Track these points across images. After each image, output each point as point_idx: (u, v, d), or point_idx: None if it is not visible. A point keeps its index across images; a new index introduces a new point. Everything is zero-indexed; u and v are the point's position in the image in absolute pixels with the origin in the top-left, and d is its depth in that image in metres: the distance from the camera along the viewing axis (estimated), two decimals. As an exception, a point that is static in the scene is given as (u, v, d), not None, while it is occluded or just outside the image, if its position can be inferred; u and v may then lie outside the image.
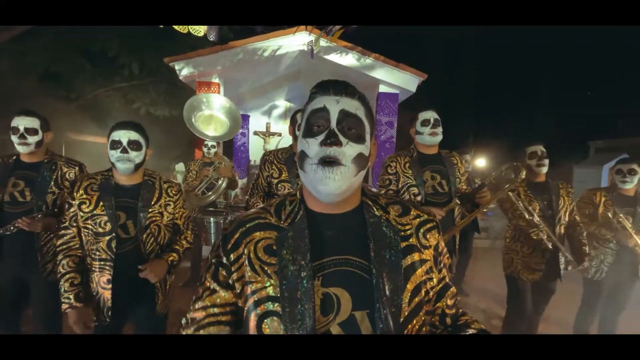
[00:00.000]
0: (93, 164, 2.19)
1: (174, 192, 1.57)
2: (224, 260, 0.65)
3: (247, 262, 0.63)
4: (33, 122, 1.72)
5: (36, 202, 1.71)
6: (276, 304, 0.59)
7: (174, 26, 2.78)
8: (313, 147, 0.62)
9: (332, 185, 0.60)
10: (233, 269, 0.63)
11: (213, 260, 0.66)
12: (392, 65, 4.30)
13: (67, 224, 1.43)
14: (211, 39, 2.98)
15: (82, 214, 1.40)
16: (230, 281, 0.64)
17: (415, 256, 0.65)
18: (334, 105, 0.63)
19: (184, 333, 0.66)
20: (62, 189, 1.77)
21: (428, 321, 0.69)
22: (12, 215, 1.67)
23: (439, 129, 1.95)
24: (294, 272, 0.60)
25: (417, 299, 0.63)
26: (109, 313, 1.39)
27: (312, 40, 3.92)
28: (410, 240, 0.66)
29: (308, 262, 0.60)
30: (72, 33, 5.75)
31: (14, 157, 1.77)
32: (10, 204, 1.69)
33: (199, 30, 2.78)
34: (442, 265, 0.70)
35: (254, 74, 4.69)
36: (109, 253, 1.38)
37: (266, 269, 0.61)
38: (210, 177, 2.96)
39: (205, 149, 3.32)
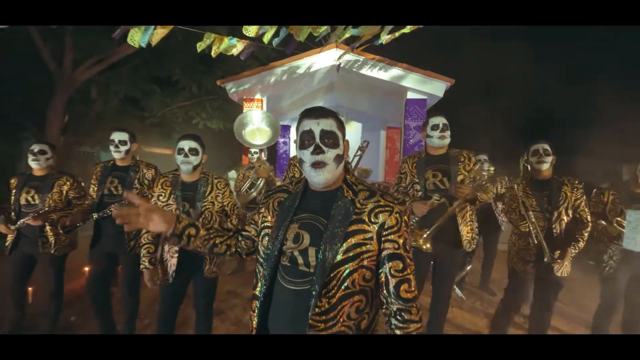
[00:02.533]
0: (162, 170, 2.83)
1: (222, 185, 2.04)
2: (260, 204, 1.13)
3: (266, 207, 1.10)
4: (123, 136, 2.36)
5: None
6: (269, 229, 1.05)
7: (212, 54, 3.38)
8: (306, 155, 0.99)
9: (321, 178, 0.98)
10: (261, 210, 1.11)
11: (259, 204, 1.16)
12: (420, 73, 4.50)
13: None
14: (242, 58, 3.55)
15: (160, 203, 1.94)
16: (259, 217, 1.12)
17: (360, 226, 0.94)
18: (316, 127, 0.97)
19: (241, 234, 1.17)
20: (143, 184, 2.38)
21: (367, 275, 0.95)
22: (109, 204, 2.31)
23: (447, 133, 2.17)
24: (283, 216, 1.03)
25: (350, 253, 0.92)
26: (173, 275, 1.91)
27: (340, 56, 4.33)
28: (362, 216, 0.94)
29: (291, 213, 1.02)
30: (145, 65, 6.87)
31: (111, 162, 2.43)
32: (108, 196, 2.34)
33: (232, 52, 3.37)
34: (388, 241, 0.94)
35: (292, 89, 5.21)
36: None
37: (274, 212, 1.06)
38: (251, 177, 3.50)
39: (249, 155, 3.87)
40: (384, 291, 0.96)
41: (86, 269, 3.69)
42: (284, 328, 0.96)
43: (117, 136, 2.35)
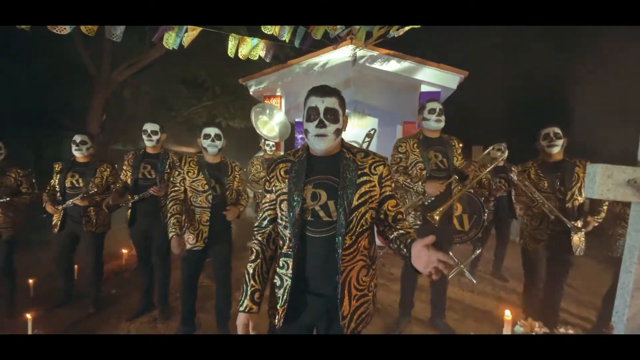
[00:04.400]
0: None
1: (238, 169, 2.41)
2: (268, 178, 1.26)
3: (276, 177, 1.23)
4: (155, 127, 2.67)
5: (159, 179, 2.64)
6: (286, 195, 1.18)
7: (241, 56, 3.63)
8: (311, 128, 1.18)
9: (322, 146, 1.17)
10: (271, 182, 1.24)
11: (265, 180, 1.28)
12: (433, 66, 4.61)
13: (177, 183, 2.28)
14: (267, 60, 3.80)
15: (189, 179, 2.25)
16: (271, 188, 1.25)
17: (365, 178, 1.17)
18: (321, 104, 1.16)
19: (258, 216, 1.30)
20: (172, 169, 2.65)
21: (373, 214, 1.19)
22: (144, 187, 2.62)
23: (442, 117, 2.35)
24: (295, 181, 1.18)
25: (362, 199, 1.15)
26: (206, 240, 2.24)
27: (355, 52, 4.52)
28: (365, 170, 1.18)
29: (303, 177, 1.18)
30: (173, 66, 7.32)
31: (142, 150, 2.74)
32: (142, 180, 2.65)
33: (255, 55, 3.62)
34: (385, 186, 1.19)
35: (309, 86, 5.40)
36: (207, 204, 2.24)
37: (284, 180, 1.21)
38: None
39: (267, 148, 4.12)
40: (385, 222, 1.21)
41: (124, 250, 4.08)
42: (319, 269, 1.17)
43: (149, 127, 2.65)
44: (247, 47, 3.56)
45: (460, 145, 2.39)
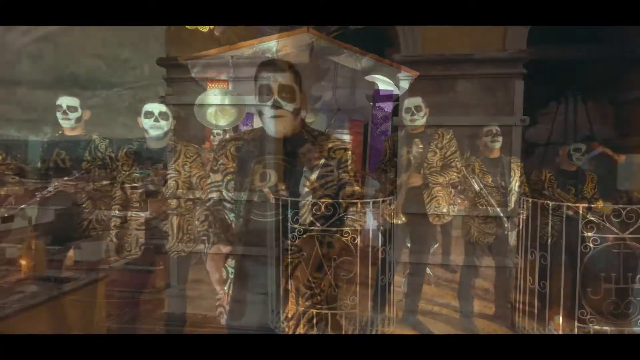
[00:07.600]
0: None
1: (191, 154, 1.92)
2: (216, 156, 1.14)
3: (225, 155, 1.13)
4: (73, 101, 2.10)
5: (74, 168, 2.08)
6: (233, 174, 1.09)
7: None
8: (266, 109, 1.07)
9: (279, 129, 1.07)
10: (219, 160, 1.12)
11: (213, 158, 1.15)
12: (387, 64, 4.67)
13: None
14: (216, 34, 3.38)
15: (123, 173, 1.78)
16: (218, 167, 1.12)
17: (323, 161, 1.09)
18: (274, 81, 1.06)
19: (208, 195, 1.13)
20: (96, 157, 2.12)
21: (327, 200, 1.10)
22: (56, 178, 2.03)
23: (419, 115, 2.33)
24: (246, 160, 1.08)
25: (316, 184, 1.07)
26: (142, 247, 1.79)
27: (312, 42, 4.32)
28: (323, 152, 1.10)
29: (254, 156, 1.08)
30: (87, 38, 6.15)
31: (60, 132, 2.15)
32: (54, 170, 2.08)
33: (204, 27, 3.18)
34: (343, 170, 1.13)
35: (259, 72, 5.07)
36: (141, 202, 1.77)
37: (233, 158, 1.11)
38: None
39: (212, 137, 3.71)
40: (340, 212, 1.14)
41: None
42: (264, 260, 1.07)
43: (65, 101, 2.09)
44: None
45: (448, 136, 2.43)
